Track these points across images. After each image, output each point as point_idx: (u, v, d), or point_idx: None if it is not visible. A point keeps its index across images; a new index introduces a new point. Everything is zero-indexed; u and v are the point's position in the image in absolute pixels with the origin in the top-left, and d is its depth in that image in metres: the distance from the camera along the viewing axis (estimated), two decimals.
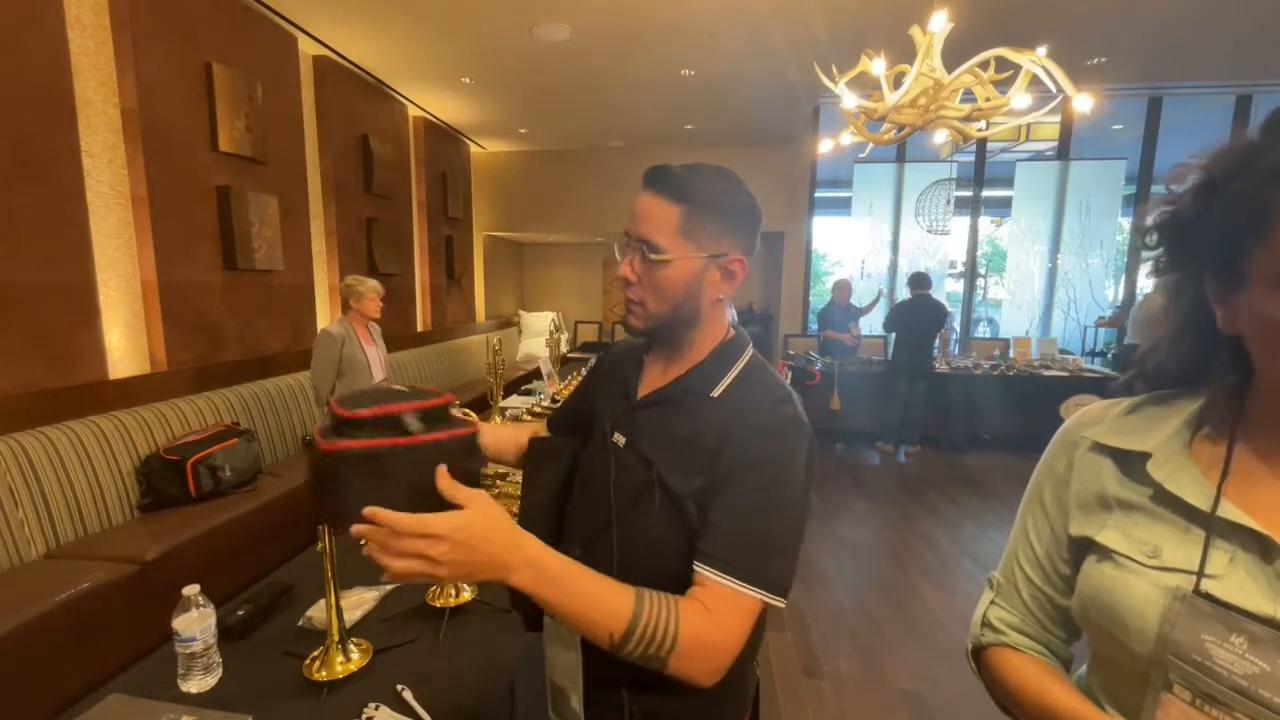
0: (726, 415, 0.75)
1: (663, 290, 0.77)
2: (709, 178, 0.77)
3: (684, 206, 0.75)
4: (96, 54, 2.70)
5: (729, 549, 0.70)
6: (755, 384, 0.79)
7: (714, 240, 0.77)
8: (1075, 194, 6.26)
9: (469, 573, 0.62)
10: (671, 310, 0.78)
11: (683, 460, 0.75)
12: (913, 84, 2.80)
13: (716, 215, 0.76)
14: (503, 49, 4.14)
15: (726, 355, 0.81)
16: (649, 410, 0.82)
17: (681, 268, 0.76)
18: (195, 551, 2.41)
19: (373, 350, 3.21)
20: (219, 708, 0.93)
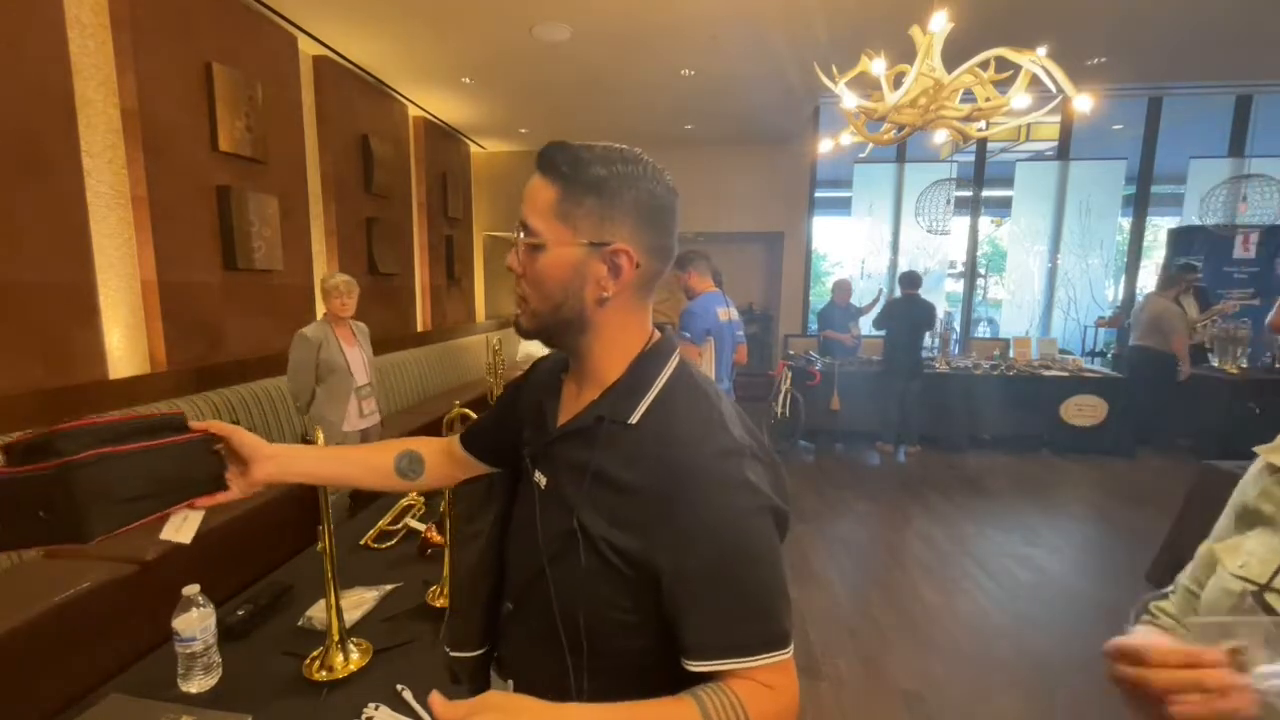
0: (650, 450, 0.64)
1: (541, 282, 0.67)
2: (600, 156, 0.65)
3: (562, 186, 0.65)
4: (96, 53, 2.70)
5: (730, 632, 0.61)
6: (679, 409, 0.66)
7: (595, 226, 0.65)
8: (1075, 194, 6.26)
9: None
10: (553, 308, 0.67)
11: (606, 505, 0.64)
12: (913, 84, 2.80)
13: (599, 197, 0.64)
14: (503, 49, 4.14)
15: (644, 370, 0.69)
16: (565, 443, 0.70)
17: (557, 256, 0.66)
18: (195, 551, 2.40)
19: (354, 352, 2.98)
20: (219, 708, 0.93)
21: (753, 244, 7.79)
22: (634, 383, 0.68)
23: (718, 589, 0.61)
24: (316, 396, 2.85)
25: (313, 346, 2.81)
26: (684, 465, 0.62)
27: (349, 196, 4.54)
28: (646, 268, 0.67)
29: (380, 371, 4.41)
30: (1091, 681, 2.23)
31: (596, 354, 0.70)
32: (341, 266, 4.41)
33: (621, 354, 0.69)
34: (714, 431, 0.64)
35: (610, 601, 0.64)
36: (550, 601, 0.66)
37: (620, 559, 0.63)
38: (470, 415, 1.24)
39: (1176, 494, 2.97)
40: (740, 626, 0.61)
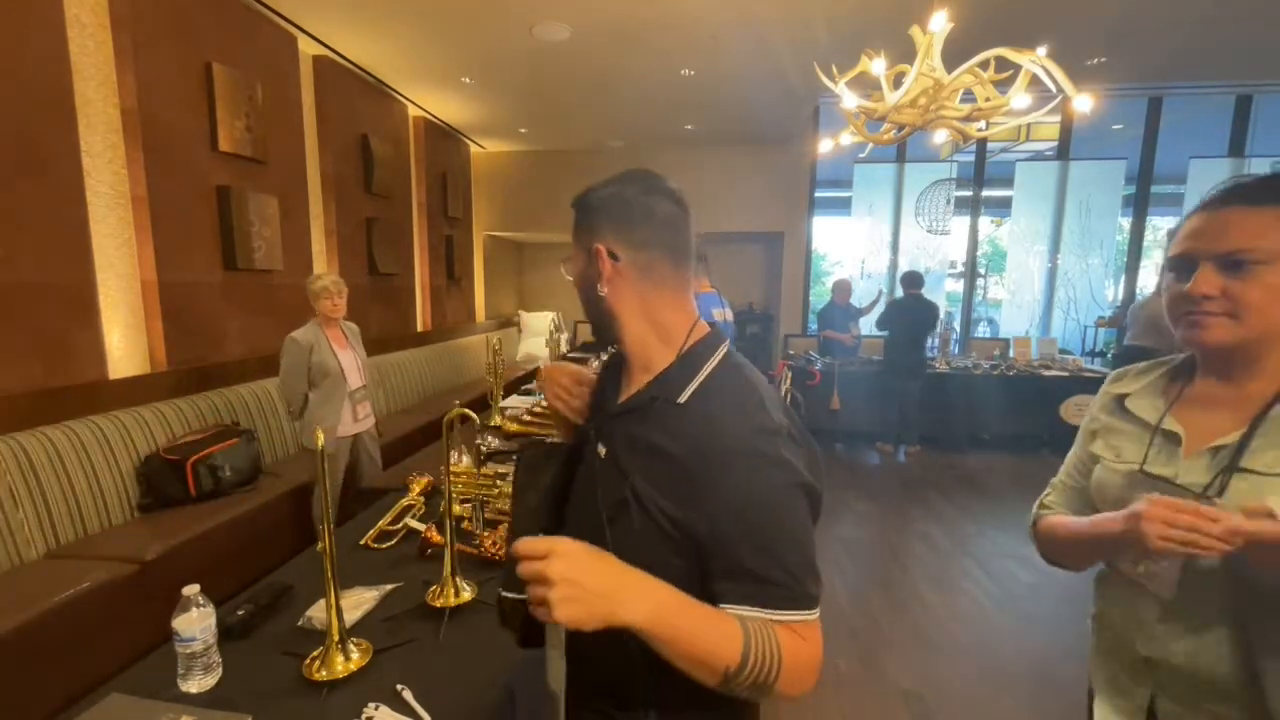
0: (695, 429, 0.72)
1: (577, 287, 0.84)
2: (601, 182, 0.82)
3: (574, 210, 0.83)
4: (96, 53, 2.70)
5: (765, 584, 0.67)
6: (724, 391, 0.75)
7: (589, 235, 0.80)
8: (1075, 194, 6.26)
9: (580, 599, 0.60)
10: (586, 309, 0.84)
11: (656, 474, 0.72)
12: (913, 84, 2.80)
13: (589, 210, 0.81)
14: (503, 49, 4.14)
15: (693, 358, 0.79)
16: (623, 419, 0.80)
17: (575, 264, 0.84)
18: (195, 551, 2.41)
19: (347, 355, 2.90)
20: (219, 708, 0.93)
21: (753, 244, 7.80)
22: (683, 368, 0.78)
23: (747, 554, 0.68)
24: (310, 401, 2.78)
25: (304, 350, 2.73)
26: (724, 441, 0.70)
27: (349, 196, 4.54)
28: (628, 256, 0.78)
29: (380, 371, 4.42)
30: None
31: (629, 339, 0.82)
32: (341, 266, 4.41)
33: (659, 340, 0.80)
34: (753, 412, 0.72)
35: (662, 560, 0.70)
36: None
37: (668, 522, 0.71)
38: (470, 415, 1.24)
39: None
40: (766, 589, 0.67)
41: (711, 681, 0.64)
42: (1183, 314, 0.80)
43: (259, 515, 2.75)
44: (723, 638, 0.64)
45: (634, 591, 0.62)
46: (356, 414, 2.91)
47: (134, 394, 2.77)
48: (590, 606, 0.60)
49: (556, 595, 0.59)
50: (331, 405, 2.79)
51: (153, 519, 2.55)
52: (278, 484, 2.95)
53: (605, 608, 0.61)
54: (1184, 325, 0.81)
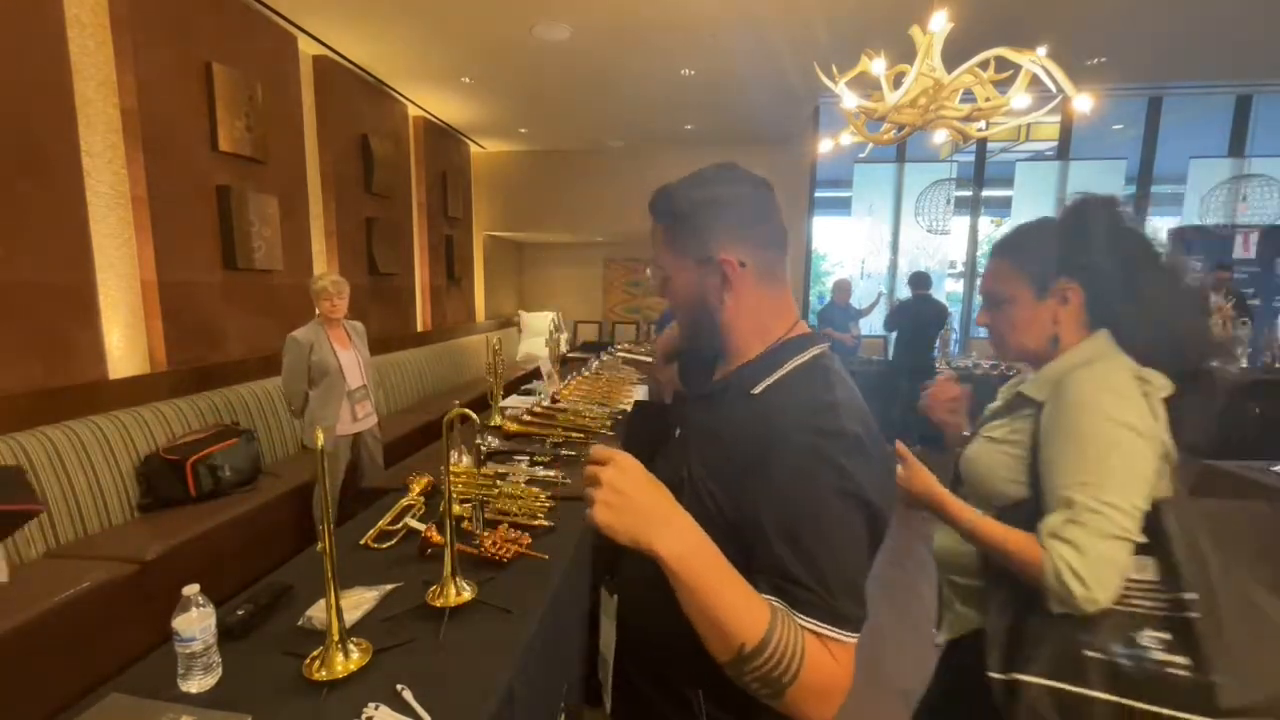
0: (758, 419, 0.72)
1: (676, 302, 0.81)
2: (690, 184, 0.78)
3: (667, 222, 0.79)
4: (96, 53, 2.70)
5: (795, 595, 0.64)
6: (799, 388, 0.74)
7: (699, 246, 0.76)
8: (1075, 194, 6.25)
9: (619, 509, 0.62)
10: (692, 319, 0.81)
11: (712, 459, 0.75)
12: (913, 84, 2.80)
13: (698, 213, 0.76)
14: (503, 49, 4.14)
15: (780, 353, 0.78)
16: (699, 405, 0.83)
17: (680, 279, 0.78)
18: (195, 551, 2.41)
19: (348, 354, 2.89)
20: (219, 708, 0.93)
21: None
22: (767, 361, 0.77)
23: (781, 549, 0.65)
24: (310, 400, 2.79)
25: (304, 349, 2.74)
26: (783, 434, 0.69)
27: (349, 196, 4.54)
28: (753, 261, 0.77)
29: (380, 371, 4.42)
30: None
31: (732, 340, 0.81)
32: (341, 266, 4.41)
33: (758, 335, 0.79)
34: (821, 413, 0.70)
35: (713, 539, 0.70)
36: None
37: (716, 508, 0.72)
38: (470, 415, 1.24)
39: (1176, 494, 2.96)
40: (794, 588, 0.64)
41: (724, 656, 0.62)
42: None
43: (259, 515, 2.75)
44: (748, 612, 0.61)
45: (673, 525, 0.63)
46: (356, 413, 2.91)
47: (134, 394, 2.77)
48: (625, 519, 0.61)
49: (600, 497, 0.62)
50: (330, 405, 2.79)
51: (153, 519, 2.55)
52: (278, 484, 2.95)
53: (640, 527, 0.62)
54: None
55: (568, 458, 2.28)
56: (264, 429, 3.33)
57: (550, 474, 2.03)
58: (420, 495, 1.79)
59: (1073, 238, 1.03)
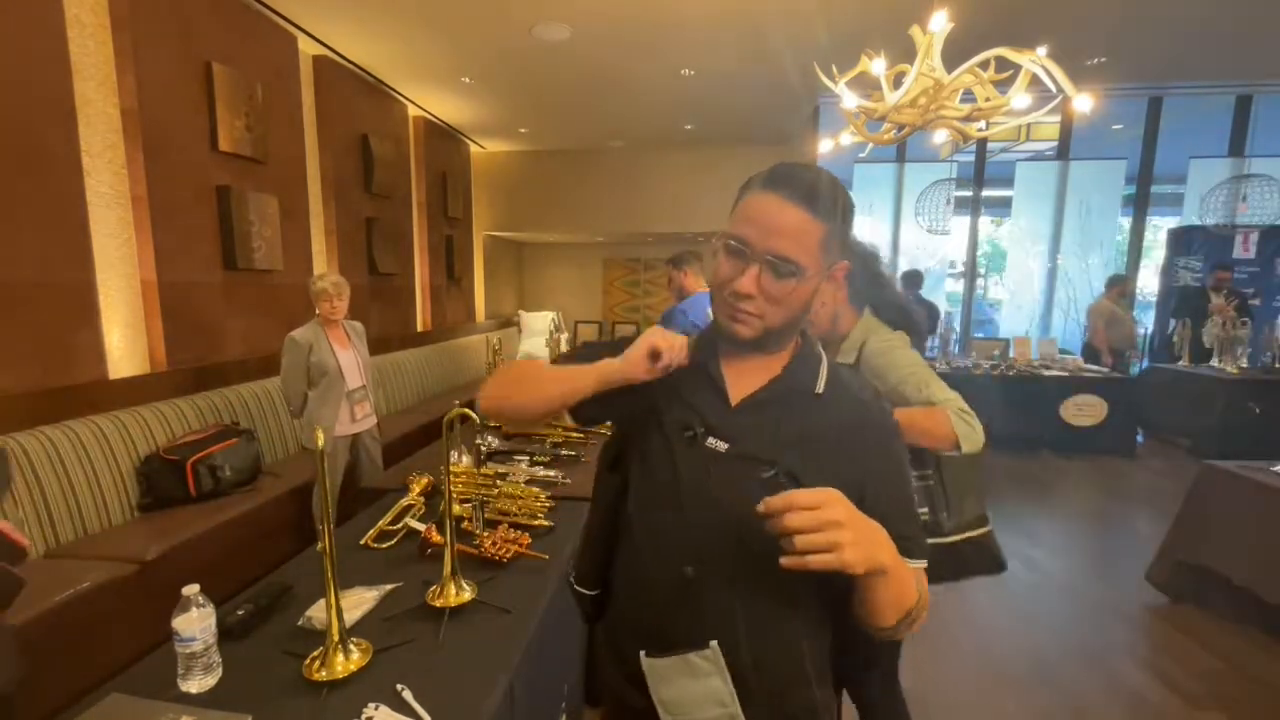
0: (841, 415, 0.79)
1: (792, 305, 0.75)
2: (833, 185, 0.74)
3: (828, 224, 0.73)
4: (96, 53, 2.70)
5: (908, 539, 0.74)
6: (849, 381, 0.85)
7: (838, 251, 0.76)
8: (1075, 194, 6.26)
9: (861, 543, 0.62)
10: (787, 320, 0.77)
11: (804, 455, 0.76)
12: (913, 84, 2.80)
13: (845, 226, 0.76)
14: (503, 49, 4.14)
15: (809, 354, 0.83)
16: (752, 413, 0.79)
17: (813, 281, 0.75)
18: (195, 551, 2.41)
19: (347, 355, 2.87)
20: (219, 708, 0.93)
21: None
22: (806, 363, 0.82)
23: (894, 514, 0.74)
24: (309, 400, 2.78)
25: (303, 350, 2.72)
26: (879, 420, 0.81)
27: (349, 196, 4.54)
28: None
29: (380, 371, 4.42)
30: (1092, 681, 2.23)
31: (782, 344, 0.82)
32: (341, 266, 4.41)
33: (793, 340, 0.84)
34: (878, 397, 0.84)
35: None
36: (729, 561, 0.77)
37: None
38: (470, 415, 1.24)
39: (1176, 494, 2.96)
40: (909, 543, 0.74)
41: (890, 621, 0.70)
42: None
43: (259, 515, 2.75)
44: (909, 574, 0.71)
45: (881, 534, 0.66)
46: (355, 414, 2.91)
47: (134, 394, 2.77)
48: (866, 549, 0.62)
49: (848, 538, 0.60)
50: (329, 405, 2.78)
51: (153, 519, 2.55)
52: (278, 484, 2.95)
53: (873, 550, 0.63)
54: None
55: (568, 458, 2.28)
56: (264, 429, 3.33)
57: (550, 474, 2.03)
58: (420, 495, 1.79)
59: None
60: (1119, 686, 2.20)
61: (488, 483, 1.72)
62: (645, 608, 0.82)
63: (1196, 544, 2.68)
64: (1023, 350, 5.62)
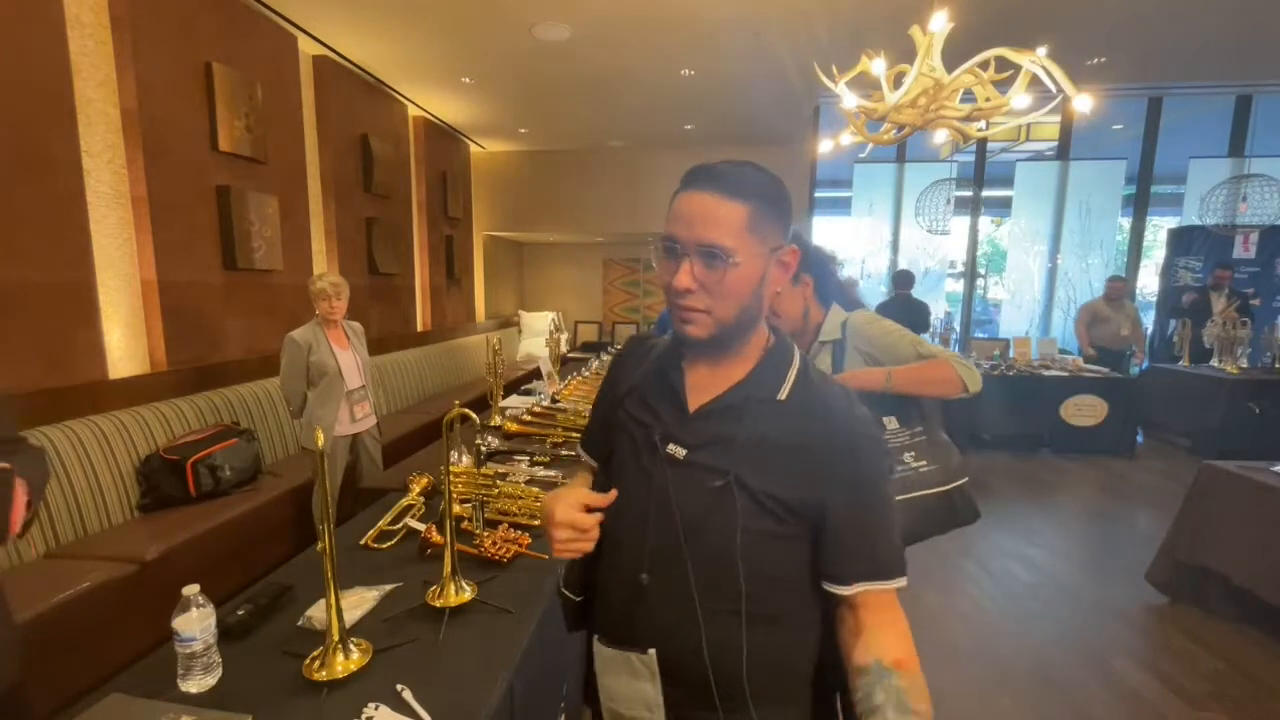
0: (805, 424, 0.76)
1: (732, 294, 0.73)
2: (755, 171, 0.74)
3: (750, 204, 0.72)
4: (96, 53, 2.70)
5: (876, 560, 0.75)
6: (820, 387, 0.80)
7: (774, 234, 0.75)
8: (1075, 194, 6.26)
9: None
10: (739, 313, 0.75)
11: (761, 465, 0.75)
12: (913, 84, 2.80)
13: (774, 207, 0.74)
14: (503, 49, 4.14)
15: (778, 357, 0.81)
16: (710, 419, 0.78)
17: (750, 268, 0.73)
18: (195, 551, 2.41)
19: (346, 355, 2.86)
20: (219, 708, 0.93)
21: None
22: (771, 368, 0.80)
23: (874, 526, 0.76)
24: (309, 400, 2.77)
25: (302, 350, 2.72)
26: (848, 428, 0.76)
27: (349, 196, 4.54)
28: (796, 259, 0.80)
29: (380, 371, 4.42)
30: (1092, 681, 2.23)
31: (746, 343, 0.80)
32: (341, 266, 4.41)
33: (759, 341, 0.81)
34: (855, 404, 0.79)
35: (764, 549, 0.75)
36: (686, 568, 0.76)
37: (778, 505, 0.74)
38: (470, 415, 1.24)
39: (1176, 494, 2.97)
40: (887, 556, 0.76)
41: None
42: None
43: (259, 515, 2.75)
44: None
45: None
46: (355, 414, 2.90)
47: (134, 394, 2.77)
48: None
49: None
50: (329, 405, 2.78)
51: (153, 519, 2.54)
52: (278, 484, 2.95)
53: None
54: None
55: (568, 458, 2.28)
56: (264, 429, 3.33)
57: (550, 474, 2.03)
58: (420, 495, 1.79)
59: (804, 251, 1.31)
60: (1119, 686, 2.20)
61: (488, 483, 1.72)
62: (606, 605, 0.85)
63: (1196, 544, 2.68)
64: (1023, 350, 5.62)
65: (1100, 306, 5.63)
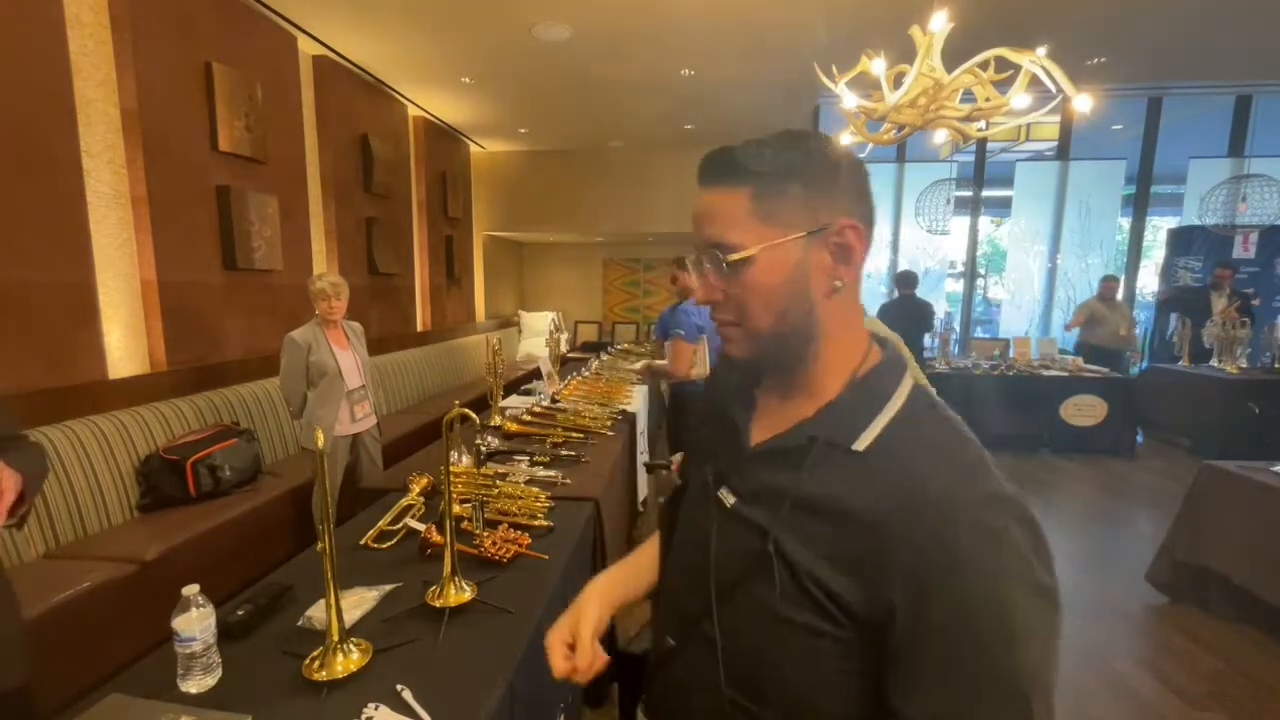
0: (885, 487, 0.53)
1: (758, 299, 0.58)
2: (775, 142, 0.58)
3: (751, 185, 0.57)
4: (96, 53, 2.70)
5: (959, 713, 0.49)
6: (927, 439, 0.56)
7: (807, 212, 0.56)
8: (1075, 194, 6.26)
9: None
10: (776, 320, 0.58)
11: (814, 535, 0.55)
12: (913, 84, 2.80)
13: (799, 179, 0.56)
14: (503, 49, 4.14)
15: (872, 387, 0.59)
16: (766, 463, 0.61)
17: (772, 260, 0.57)
18: (195, 551, 2.41)
19: (346, 355, 2.85)
20: (219, 708, 0.93)
21: None
22: (858, 401, 0.58)
23: (961, 659, 0.49)
24: (309, 400, 2.77)
25: (301, 350, 2.71)
26: (938, 500, 0.51)
27: (349, 196, 4.54)
28: (865, 242, 0.59)
29: (380, 371, 4.42)
30: (1092, 680, 2.23)
31: (817, 360, 0.60)
32: (341, 266, 4.41)
33: (841, 361, 0.61)
34: (978, 472, 0.54)
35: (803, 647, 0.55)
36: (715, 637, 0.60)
37: (825, 595, 0.53)
38: (470, 415, 1.24)
39: (1176, 494, 2.97)
40: (980, 709, 0.49)
41: None
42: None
43: (259, 515, 2.75)
44: None
45: None
46: (355, 414, 2.90)
47: (134, 394, 2.77)
48: None
49: None
50: (329, 405, 2.78)
51: (152, 519, 2.54)
52: (278, 484, 2.95)
53: None
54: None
55: (568, 458, 2.28)
56: (264, 429, 3.33)
57: (550, 474, 2.03)
58: (420, 495, 1.79)
59: None
60: (1119, 686, 2.20)
61: (488, 483, 1.72)
62: (648, 665, 0.75)
63: (1196, 544, 2.68)
64: (1023, 350, 5.62)
65: (1097, 306, 5.65)
